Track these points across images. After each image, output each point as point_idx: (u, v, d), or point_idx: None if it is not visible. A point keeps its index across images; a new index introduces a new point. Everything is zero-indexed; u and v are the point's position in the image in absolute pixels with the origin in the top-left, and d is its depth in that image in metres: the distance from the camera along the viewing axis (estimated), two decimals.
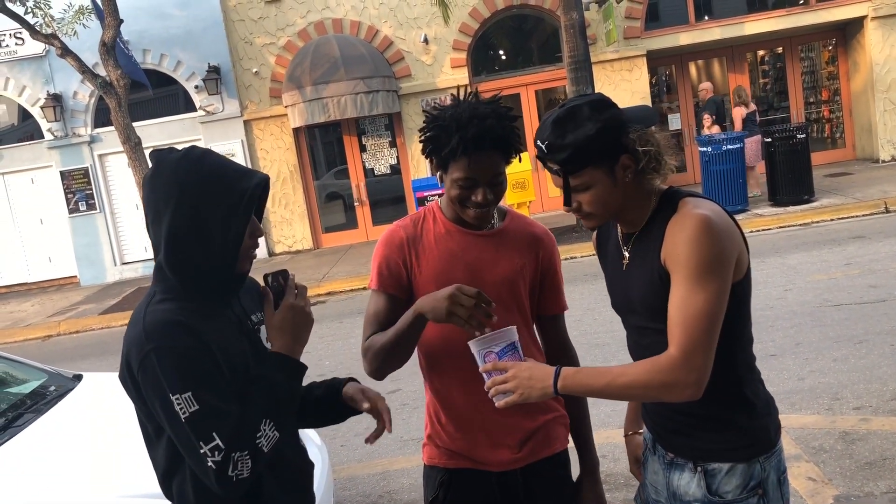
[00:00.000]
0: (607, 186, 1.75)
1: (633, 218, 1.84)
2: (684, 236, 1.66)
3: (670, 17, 14.43)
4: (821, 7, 14.13)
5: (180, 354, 1.58)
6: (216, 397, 1.59)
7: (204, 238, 1.62)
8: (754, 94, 15.47)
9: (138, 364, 1.59)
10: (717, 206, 1.75)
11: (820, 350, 5.46)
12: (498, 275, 2.09)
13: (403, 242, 2.11)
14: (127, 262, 14.84)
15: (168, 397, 1.56)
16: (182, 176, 1.62)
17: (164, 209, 1.62)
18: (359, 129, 14.77)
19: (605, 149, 1.72)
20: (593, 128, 1.70)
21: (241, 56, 14.36)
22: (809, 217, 10.39)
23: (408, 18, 14.21)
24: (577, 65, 11.55)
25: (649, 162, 1.74)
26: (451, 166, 1.97)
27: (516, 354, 1.78)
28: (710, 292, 1.62)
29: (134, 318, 1.67)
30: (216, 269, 1.66)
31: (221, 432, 1.57)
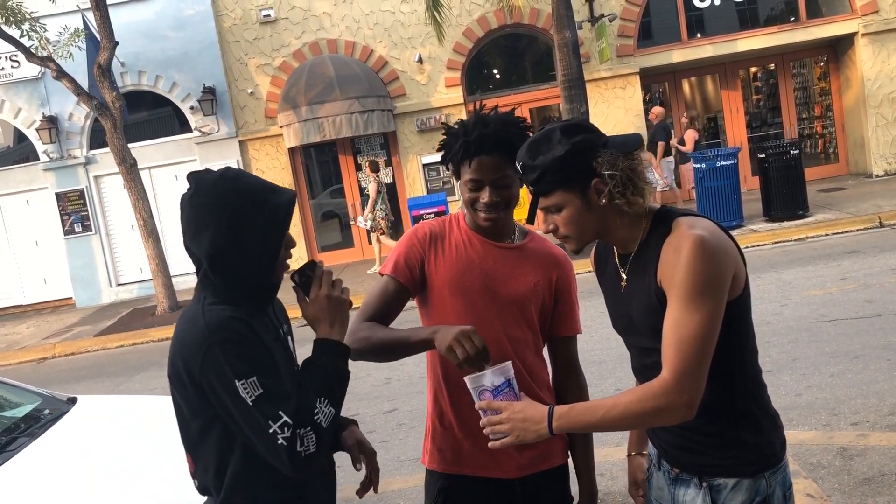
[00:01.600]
0: (579, 209, 1.77)
1: (624, 239, 1.84)
2: (679, 257, 1.66)
3: (663, 35, 14.54)
4: (812, 24, 14.26)
5: (242, 344, 1.71)
6: (276, 381, 1.73)
7: (244, 251, 1.76)
8: (748, 110, 15.58)
9: (201, 358, 1.71)
10: (711, 224, 1.74)
11: (817, 365, 5.46)
12: (512, 288, 2.14)
13: (427, 238, 2.18)
14: (122, 283, 14.81)
15: (234, 384, 1.68)
16: (221, 195, 1.76)
17: (205, 227, 1.75)
18: (354, 148, 14.81)
19: (574, 172, 1.74)
20: (561, 150, 1.73)
21: (236, 77, 14.42)
22: (804, 232, 10.41)
23: (402, 38, 14.30)
24: (570, 83, 11.61)
25: (616, 186, 1.72)
26: (462, 171, 2.09)
27: (511, 393, 1.79)
28: (704, 314, 1.62)
29: (189, 318, 1.78)
30: (256, 279, 1.81)
31: (287, 410, 1.70)
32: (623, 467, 4.26)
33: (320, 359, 1.83)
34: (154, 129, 14.73)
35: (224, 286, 1.78)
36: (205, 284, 1.82)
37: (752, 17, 14.66)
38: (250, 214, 1.75)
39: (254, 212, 1.75)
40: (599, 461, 4.44)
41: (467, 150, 2.05)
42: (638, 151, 1.79)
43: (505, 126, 2.06)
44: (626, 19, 14.08)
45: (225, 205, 1.74)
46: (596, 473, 2.35)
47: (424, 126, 14.30)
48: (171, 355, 1.79)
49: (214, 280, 1.78)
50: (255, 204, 1.76)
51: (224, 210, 1.74)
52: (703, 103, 16.38)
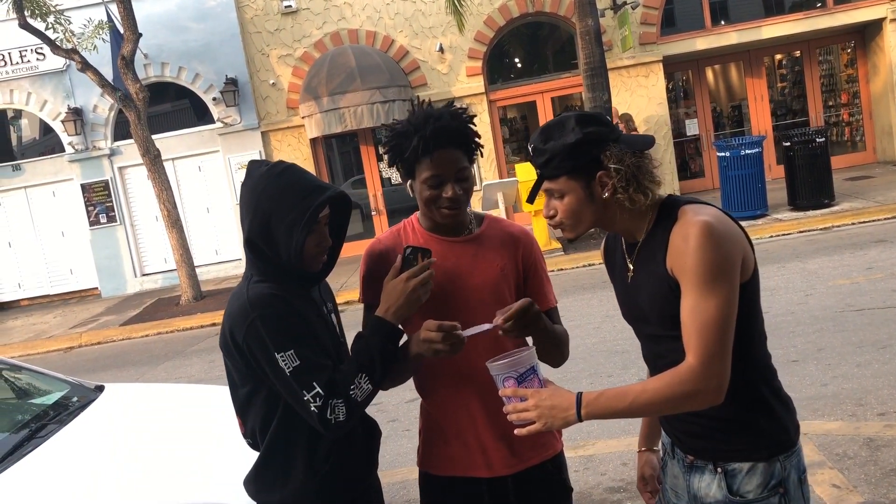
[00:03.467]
0: (581, 199, 1.80)
1: (629, 229, 1.86)
2: (688, 245, 1.68)
3: (686, 23, 14.38)
4: (839, 10, 14.03)
5: (280, 319, 1.88)
6: (314, 354, 1.90)
7: (273, 244, 1.93)
8: (772, 98, 15.38)
9: (245, 331, 1.89)
10: (716, 210, 1.76)
11: (843, 355, 5.40)
12: (478, 280, 2.11)
13: (383, 254, 2.14)
14: (147, 273, 14.96)
15: (274, 356, 1.86)
16: (261, 189, 1.92)
17: (245, 215, 1.95)
18: (375, 138, 14.82)
19: (581, 160, 1.77)
20: (573, 138, 1.76)
21: (258, 68, 14.47)
22: (830, 221, 10.29)
23: (423, 28, 14.27)
24: (593, 71, 11.53)
25: (620, 181, 1.75)
26: (418, 169, 2.03)
27: (535, 379, 1.78)
28: (720, 298, 1.65)
29: (236, 294, 1.97)
30: (286, 269, 1.95)
31: (321, 381, 1.88)
32: None
33: (372, 337, 1.96)
34: (177, 121, 14.84)
35: (264, 268, 1.95)
36: (250, 262, 2.00)
37: (777, 3, 14.46)
38: (280, 211, 1.89)
39: (284, 209, 1.89)
40: (622, 451, 4.44)
41: (426, 145, 1.98)
42: (648, 151, 1.83)
43: (456, 117, 2.03)
44: (649, 7, 13.95)
45: (261, 197, 1.91)
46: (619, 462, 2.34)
47: None
48: (222, 327, 1.98)
49: (255, 261, 1.96)
50: (288, 202, 1.89)
51: (259, 202, 1.91)
52: (727, 91, 16.19)
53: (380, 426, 2.29)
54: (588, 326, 7.25)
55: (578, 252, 10.95)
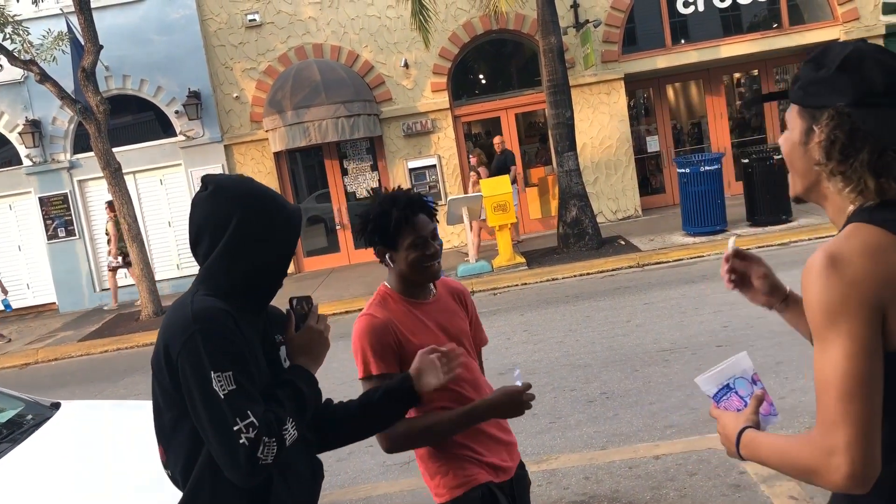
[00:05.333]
0: (796, 143, 1.50)
1: (835, 221, 1.51)
2: (805, 280, 1.38)
3: (647, 41, 14.63)
4: (794, 31, 14.40)
5: (224, 338, 1.70)
6: (251, 383, 1.72)
7: (256, 258, 1.83)
8: (731, 115, 15.69)
9: (182, 344, 1.69)
10: (872, 238, 1.36)
11: (800, 369, 5.50)
12: (460, 331, 2.44)
13: (388, 326, 2.30)
14: (106, 288, 14.69)
15: (209, 375, 1.66)
16: (243, 201, 1.83)
17: (223, 224, 1.81)
18: (340, 152, 14.80)
19: (807, 102, 1.47)
20: (818, 74, 1.45)
21: (221, 81, 14.38)
22: (788, 237, 10.50)
23: (388, 43, 14.31)
24: (556, 88, 11.67)
25: (830, 150, 1.41)
26: (400, 239, 2.30)
27: (733, 397, 1.59)
28: (837, 351, 1.30)
29: (177, 306, 1.79)
30: (261, 287, 1.86)
31: (256, 412, 1.68)
32: (607, 472, 4.28)
33: (299, 382, 1.86)
34: (138, 134, 14.66)
35: (228, 280, 1.81)
36: (203, 278, 1.84)
37: (735, 23, 14.78)
38: (268, 228, 1.84)
39: (271, 226, 1.84)
40: (585, 465, 4.46)
41: (407, 217, 2.29)
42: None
43: (416, 194, 2.39)
44: (610, 25, 14.17)
45: (246, 210, 1.82)
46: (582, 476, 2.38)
47: (411, 131, 14.32)
48: (157, 341, 1.79)
49: (223, 277, 1.81)
50: (273, 218, 1.85)
51: (245, 214, 1.81)
52: (687, 109, 16.49)
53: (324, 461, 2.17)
54: (551, 340, 7.29)
55: (542, 267, 11.03)
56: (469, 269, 11.33)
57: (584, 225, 11.84)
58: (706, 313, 7.37)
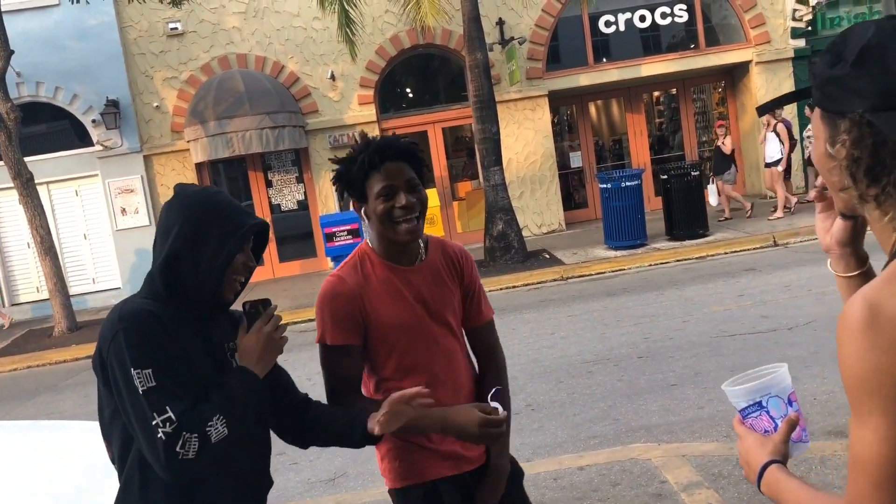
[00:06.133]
0: (823, 153, 1.22)
1: (878, 236, 1.22)
2: (839, 331, 1.13)
3: (570, 59, 14.95)
4: (710, 52, 14.94)
5: (147, 336, 1.75)
6: (172, 381, 1.75)
7: (197, 256, 1.83)
8: (651, 132, 16.16)
9: (108, 342, 1.76)
10: None
11: (717, 379, 5.66)
12: (443, 305, 2.20)
13: (352, 293, 2.11)
14: (17, 303, 14.08)
15: (129, 371, 1.72)
16: (194, 203, 1.87)
17: (172, 226, 1.85)
18: (264, 164, 14.60)
19: (826, 105, 1.19)
20: (833, 72, 1.17)
21: (141, 90, 14.02)
22: (705, 251, 10.84)
23: (314, 55, 14.22)
24: (482, 104, 11.79)
25: (855, 172, 1.15)
26: (368, 186, 2.06)
27: (763, 415, 1.40)
28: (871, 432, 1.10)
29: (113, 308, 1.84)
30: (200, 288, 1.85)
31: (175, 408, 1.72)
32: (532, 483, 4.32)
33: (235, 385, 1.85)
34: (53, 143, 14.13)
35: (164, 285, 1.84)
36: (146, 283, 1.90)
37: (654, 43, 15.26)
38: (213, 224, 1.84)
39: (217, 223, 1.85)
40: (553, 468, 4.48)
41: (372, 161, 2.04)
42: None
43: (397, 139, 2.11)
44: (535, 43, 14.42)
45: (194, 209, 1.86)
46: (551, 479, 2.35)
47: (337, 143, 14.23)
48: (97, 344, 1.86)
49: (158, 277, 1.85)
50: (222, 216, 1.86)
51: (192, 216, 1.85)
52: (608, 126, 16.90)
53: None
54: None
55: (501, 275, 11.08)
56: None
57: (510, 239, 11.97)
58: (627, 325, 7.53)
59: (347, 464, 4.98)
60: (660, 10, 14.85)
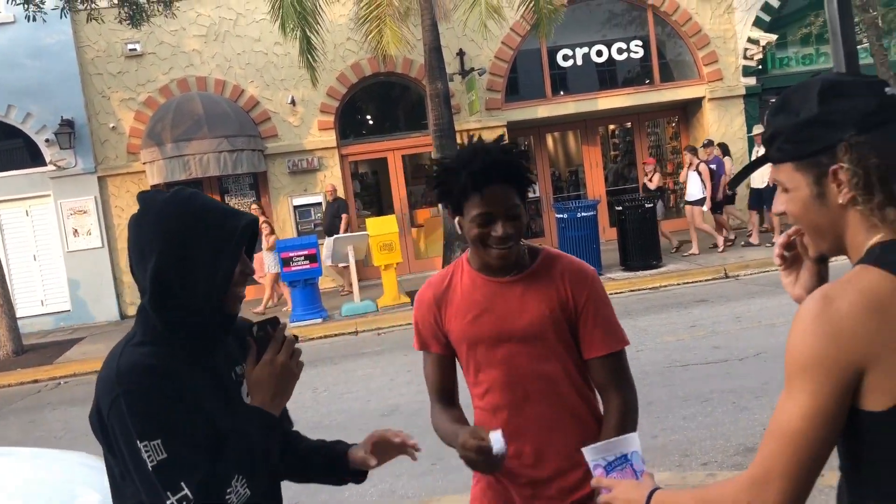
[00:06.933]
0: (808, 200, 1.32)
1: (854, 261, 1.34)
2: (796, 315, 1.26)
3: (529, 91, 15.19)
4: (664, 87, 15.32)
5: (151, 400, 1.52)
6: (186, 447, 1.52)
7: (190, 278, 1.57)
8: (606, 164, 16.45)
9: (108, 407, 1.53)
10: (873, 285, 1.23)
11: (670, 409, 5.75)
12: (524, 322, 2.00)
13: (431, 302, 2.11)
14: None
15: (135, 444, 1.50)
16: (169, 216, 1.58)
17: (150, 251, 1.57)
18: (221, 187, 14.48)
19: (808, 148, 1.30)
20: (806, 115, 1.29)
21: (97, 110, 13.84)
22: (658, 281, 11.02)
23: (275, 79, 14.21)
24: (441, 132, 11.90)
25: (858, 185, 1.26)
26: (466, 207, 1.93)
27: (628, 468, 1.56)
28: (799, 404, 1.22)
29: (108, 359, 1.60)
30: (202, 310, 1.60)
31: (190, 482, 1.50)
32: None
33: (249, 430, 1.61)
34: (3, 162, 13.84)
35: (163, 321, 1.59)
36: (140, 319, 1.64)
37: (611, 77, 15.60)
38: (200, 237, 1.58)
39: (205, 234, 1.58)
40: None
41: (475, 182, 1.88)
42: None
43: (507, 152, 1.95)
44: (494, 74, 14.62)
45: (173, 224, 1.57)
46: None
47: (296, 168, 14.20)
48: (94, 396, 1.63)
49: (153, 314, 1.58)
50: (208, 226, 1.59)
51: (172, 231, 1.57)
52: (565, 157, 17.17)
53: None
54: None
55: None
56: (354, 308, 11.26)
57: None
58: None
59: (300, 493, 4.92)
60: (616, 46, 15.20)
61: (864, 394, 1.21)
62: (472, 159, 1.90)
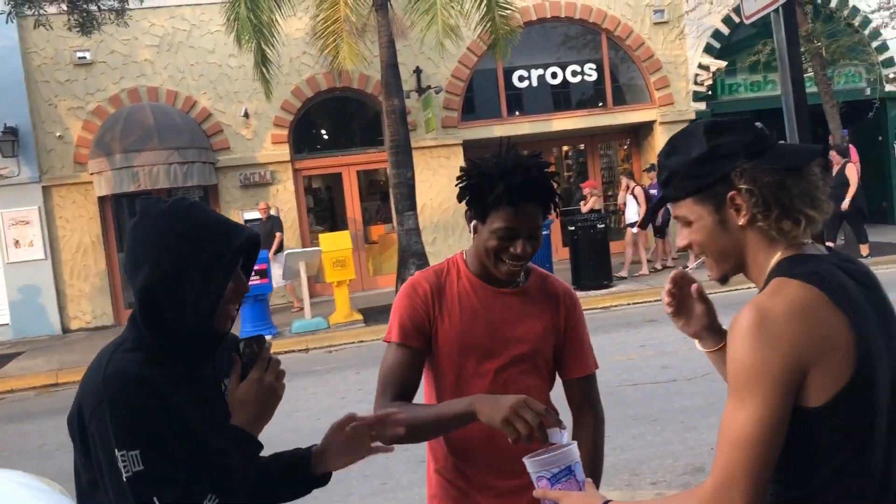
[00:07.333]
0: (710, 228, 1.47)
1: (756, 279, 1.50)
2: (731, 336, 1.36)
3: (485, 111, 15.30)
4: (617, 110, 15.57)
5: (134, 411, 1.50)
6: (164, 461, 1.50)
7: (180, 293, 1.55)
8: (559, 184, 16.58)
9: (90, 412, 1.52)
10: (797, 294, 1.34)
11: (619, 428, 5.77)
12: (520, 336, 2.02)
13: (428, 294, 2.02)
14: None
15: (113, 452, 1.48)
16: (166, 227, 1.56)
17: (144, 260, 1.56)
18: None
19: (704, 181, 1.45)
20: (697, 152, 1.46)
21: (43, 118, 13.51)
22: (609, 301, 11.13)
23: (228, 92, 14.06)
24: (397, 149, 11.88)
25: (756, 205, 1.41)
26: (492, 216, 1.91)
27: (573, 479, 1.58)
28: (750, 415, 1.31)
29: (96, 362, 1.58)
30: (190, 327, 1.58)
31: (163, 498, 1.48)
32: None
33: (230, 451, 1.60)
34: None
35: (151, 332, 1.57)
36: (131, 326, 1.62)
37: (565, 99, 15.80)
38: (196, 250, 1.56)
39: (200, 248, 1.56)
40: None
41: (511, 194, 1.87)
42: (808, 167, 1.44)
43: (544, 173, 1.95)
44: (451, 93, 14.69)
45: (169, 236, 1.56)
46: None
47: (248, 181, 14.03)
48: (76, 397, 1.60)
49: (141, 324, 1.57)
50: (204, 239, 1.57)
51: (167, 242, 1.55)
52: None
53: None
54: None
55: (379, 324, 10.99)
56: (304, 325, 11.12)
57: None
58: None
59: None
60: (571, 68, 15.41)
61: (805, 392, 1.32)
62: (513, 172, 1.88)
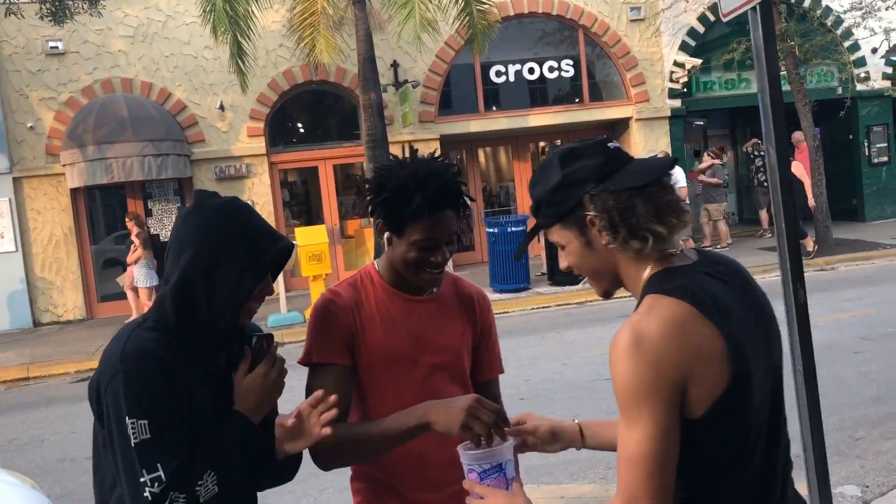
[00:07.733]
0: (581, 250, 1.53)
1: (632, 291, 1.56)
2: (611, 358, 1.40)
3: (462, 106, 15.29)
4: (593, 106, 15.64)
5: (147, 386, 1.62)
6: (170, 434, 1.63)
7: (213, 286, 1.69)
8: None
9: (107, 382, 1.64)
10: (670, 311, 1.39)
11: None
12: (442, 343, 2.00)
13: (349, 306, 1.96)
14: None
15: (124, 419, 1.61)
16: (215, 222, 1.71)
17: (188, 247, 1.69)
18: (145, 192, 14.09)
19: (564, 207, 1.51)
20: (553, 182, 1.51)
21: (14, 109, 13.30)
22: (584, 297, 11.19)
23: (203, 84, 13.93)
24: (374, 143, 11.85)
25: (605, 227, 1.46)
26: (411, 228, 1.86)
27: (502, 477, 1.61)
28: (642, 433, 1.34)
29: (118, 336, 1.72)
30: (214, 317, 1.71)
31: (166, 467, 1.60)
32: None
33: (230, 434, 1.72)
34: None
35: (176, 314, 1.69)
36: (157, 306, 1.75)
37: (542, 95, 15.84)
38: (236, 250, 1.70)
39: (241, 249, 1.70)
40: None
41: (431, 206, 1.83)
42: (659, 182, 1.48)
43: (455, 176, 1.92)
44: (428, 87, 14.67)
45: (216, 231, 1.70)
46: None
47: (224, 174, 13.92)
48: (97, 366, 1.73)
49: (169, 305, 1.70)
50: (246, 241, 1.71)
51: (213, 236, 1.70)
52: (496, 172, 17.32)
53: None
54: None
55: None
56: (280, 319, 11.07)
57: None
58: (509, 367, 7.59)
59: None
60: (548, 64, 15.45)
61: (686, 405, 1.36)
62: (427, 182, 1.84)
